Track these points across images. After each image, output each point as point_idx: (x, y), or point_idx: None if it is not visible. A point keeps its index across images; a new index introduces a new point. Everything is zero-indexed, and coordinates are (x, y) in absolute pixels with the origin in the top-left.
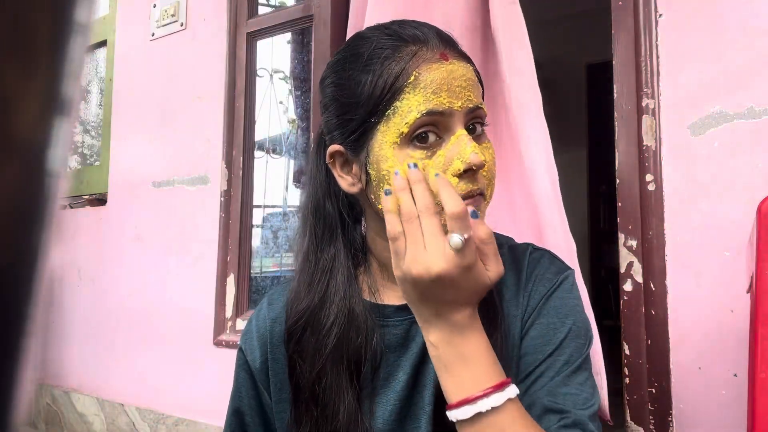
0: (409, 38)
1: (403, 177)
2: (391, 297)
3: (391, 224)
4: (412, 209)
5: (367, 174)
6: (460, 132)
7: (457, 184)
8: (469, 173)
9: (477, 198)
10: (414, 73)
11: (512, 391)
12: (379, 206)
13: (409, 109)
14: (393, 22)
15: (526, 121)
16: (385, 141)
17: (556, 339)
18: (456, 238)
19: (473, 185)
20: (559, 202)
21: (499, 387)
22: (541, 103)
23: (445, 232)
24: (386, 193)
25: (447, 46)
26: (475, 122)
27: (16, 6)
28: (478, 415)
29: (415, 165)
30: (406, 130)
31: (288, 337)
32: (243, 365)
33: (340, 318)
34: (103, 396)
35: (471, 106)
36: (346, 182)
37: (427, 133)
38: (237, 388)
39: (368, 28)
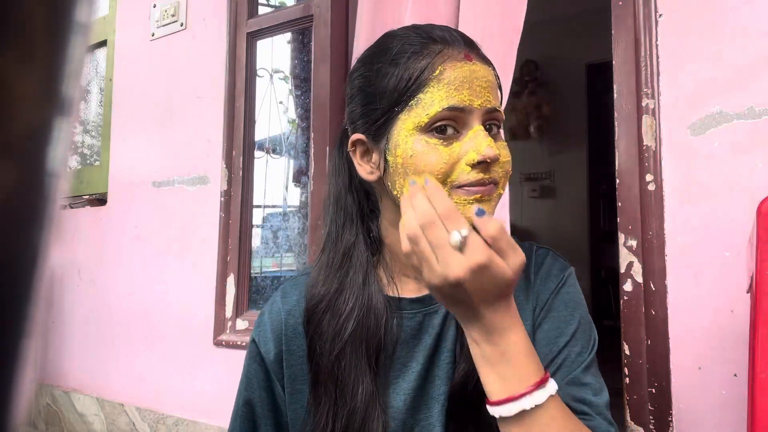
0: (437, 37)
1: (412, 191)
2: (405, 289)
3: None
4: (418, 222)
5: (386, 161)
6: (478, 127)
7: (469, 172)
8: (482, 165)
9: (489, 187)
10: (439, 68)
11: (552, 387)
12: (395, 192)
13: (431, 101)
14: (422, 24)
15: None
16: (404, 128)
17: (568, 331)
18: (455, 236)
19: (485, 175)
20: None
21: (541, 384)
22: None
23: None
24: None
25: (471, 48)
26: (491, 123)
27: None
28: (522, 413)
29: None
30: (426, 120)
31: (307, 319)
32: (255, 357)
33: (359, 305)
34: (103, 396)
35: (489, 106)
36: (365, 170)
37: (446, 126)
38: (248, 380)
39: (399, 28)
